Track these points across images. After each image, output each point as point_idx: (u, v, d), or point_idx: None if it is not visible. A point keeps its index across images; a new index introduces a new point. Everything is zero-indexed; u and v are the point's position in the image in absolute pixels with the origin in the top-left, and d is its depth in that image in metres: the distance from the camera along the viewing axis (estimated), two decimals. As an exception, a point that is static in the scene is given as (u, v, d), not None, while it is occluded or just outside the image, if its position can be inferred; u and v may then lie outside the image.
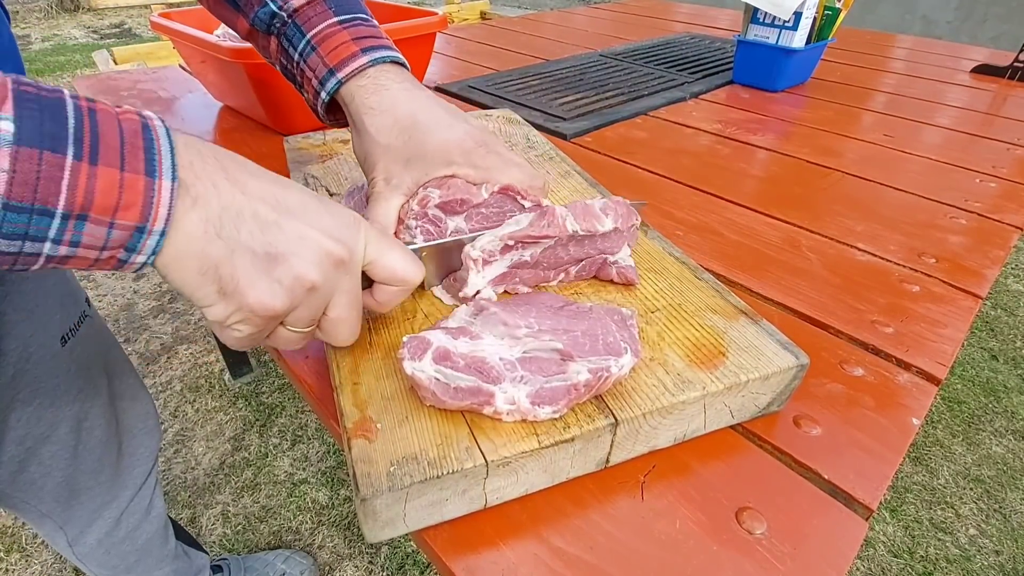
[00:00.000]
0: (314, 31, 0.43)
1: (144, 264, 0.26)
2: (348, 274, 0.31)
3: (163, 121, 0.26)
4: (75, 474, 0.64)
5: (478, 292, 0.43)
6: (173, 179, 0.25)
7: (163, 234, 0.25)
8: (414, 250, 0.40)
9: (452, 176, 0.42)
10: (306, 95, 0.46)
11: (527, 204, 0.45)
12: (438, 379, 0.34)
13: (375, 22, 0.46)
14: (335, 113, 0.47)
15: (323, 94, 0.43)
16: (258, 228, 0.28)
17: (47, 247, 0.23)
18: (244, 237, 0.27)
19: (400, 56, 0.45)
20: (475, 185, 0.43)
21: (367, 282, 0.35)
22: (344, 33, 0.43)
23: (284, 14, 0.43)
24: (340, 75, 0.42)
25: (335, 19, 0.43)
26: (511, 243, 0.42)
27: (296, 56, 0.44)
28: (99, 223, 0.23)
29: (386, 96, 0.42)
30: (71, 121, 0.22)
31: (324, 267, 0.29)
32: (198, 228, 0.26)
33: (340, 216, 0.31)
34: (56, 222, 0.22)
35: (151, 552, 0.77)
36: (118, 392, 0.68)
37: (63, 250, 0.23)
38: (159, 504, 0.78)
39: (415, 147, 0.42)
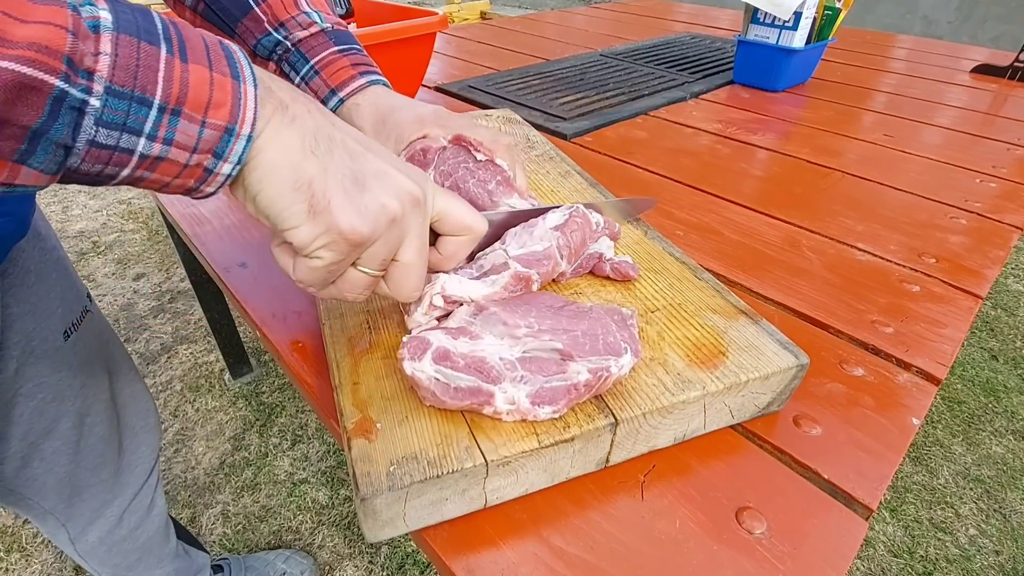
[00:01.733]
0: (317, 58, 0.49)
1: (228, 178, 0.26)
2: (422, 216, 0.32)
3: None
4: (77, 470, 0.64)
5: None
6: (255, 85, 0.25)
7: (250, 139, 0.25)
8: None
9: (424, 136, 0.47)
10: None
11: (480, 157, 0.47)
12: (438, 379, 0.34)
13: (364, 51, 0.52)
14: None
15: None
16: (348, 155, 0.29)
17: (141, 144, 0.23)
18: (337, 159, 0.28)
19: (386, 81, 0.51)
20: None
21: (431, 238, 0.35)
22: (344, 59, 0.49)
23: (288, 43, 0.49)
24: (342, 94, 0.48)
25: (335, 48, 0.49)
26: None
27: (298, 79, 0.49)
28: (192, 120, 0.24)
29: (369, 95, 0.49)
30: (159, 23, 0.23)
31: (404, 202, 0.30)
32: (296, 143, 0.27)
33: (412, 167, 0.33)
34: (153, 113, 0.23)
35: (152, 550, 0.78)
36: (118, 388, 0.68)
37: (156, 148, 0.23)
38: (160, 503, 0.78)
39: (393, 124, 0.47)
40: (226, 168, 0.26)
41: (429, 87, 1.10)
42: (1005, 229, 0.67)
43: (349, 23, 0.92)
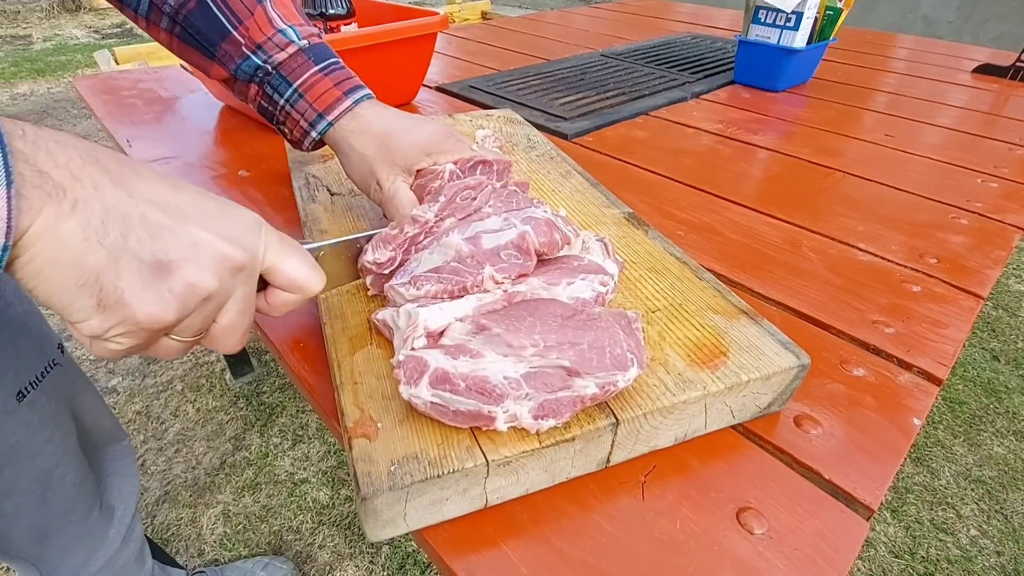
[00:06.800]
0: (299, 81, 0.49)
1: None
2: (245, 280, 0.29)
3: None
4: (44, 518, 0.61)
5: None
6: (8, 184, 0.21)
7: (5, 248, 0.22)
8: (311, 249, 0.38)
9: (433, 164, 0.49)
10: (286, 130, 0.52)
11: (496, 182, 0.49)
12: (435, 403, 0.33)
13: (342, 63, 0.51)
14: (316, 145, 0.53)
15: (313, 133, 0.50)
16: (147, 234, 0.26)
17: None
18: (131, 244, 0.25)
19: (370, 92, 0.51)
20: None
21: (261, 284, 0.32)
22: (327, 80, 0.49)
23: (268, 66, 0.48)
24: (330, 117, 0.49)
25: (316, 68, 0.49)
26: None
27: (282, 102, 0.50)
28: None
29: (361, 120, 0.49)
30: None
31: (221, 274, 0.28)
32: (77, 235, 0.24)
33: (239, 219, 0.30)
34: None
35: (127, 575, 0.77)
36: (90, 432, 0.67)
37: None
38: (138, 528, 0.77)
39: (395, 150, 0.48)
40: None
41: (430, 87, 1.10)
42: (1007, 229, 0.67)
43: (350, 23, 0.92)
